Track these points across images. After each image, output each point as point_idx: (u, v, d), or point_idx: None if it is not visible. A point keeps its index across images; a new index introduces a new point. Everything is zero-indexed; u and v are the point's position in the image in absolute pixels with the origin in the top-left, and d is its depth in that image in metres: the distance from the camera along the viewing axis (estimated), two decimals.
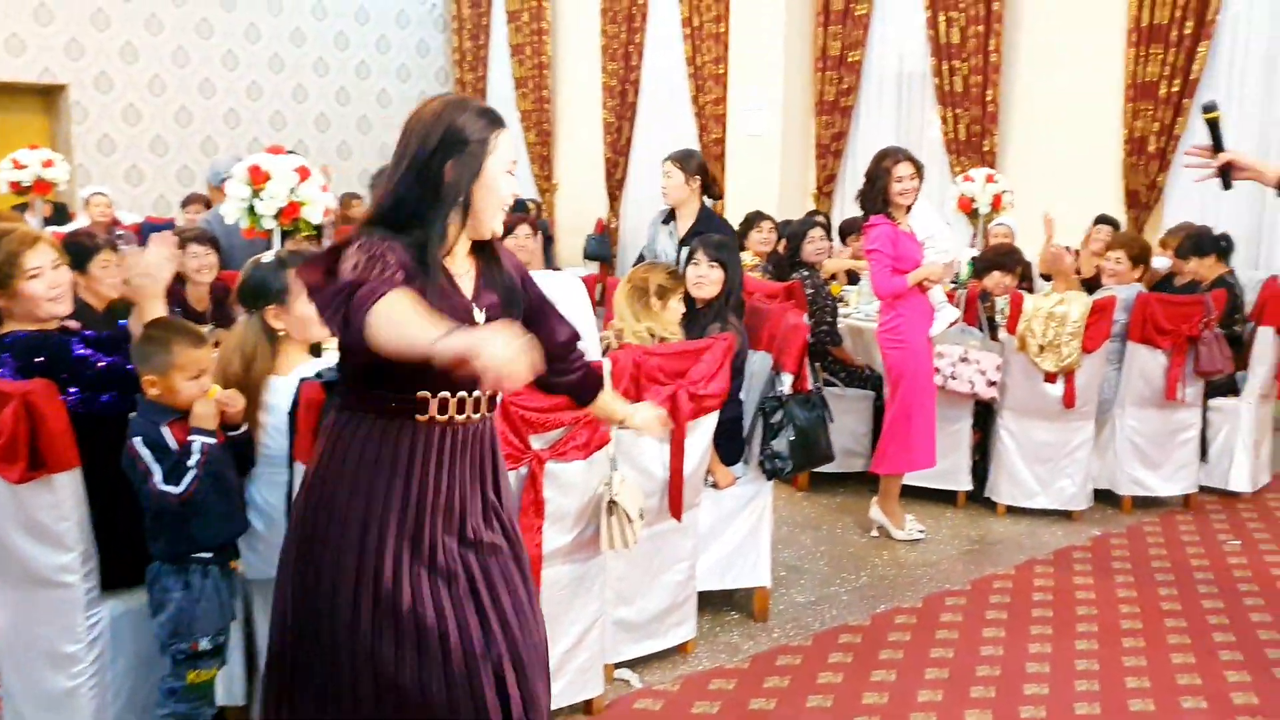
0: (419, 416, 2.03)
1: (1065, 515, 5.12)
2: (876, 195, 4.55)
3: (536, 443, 2.92)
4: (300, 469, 2.60)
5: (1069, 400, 4.93)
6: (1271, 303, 5.27)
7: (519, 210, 11.00)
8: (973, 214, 6.63)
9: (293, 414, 2.66)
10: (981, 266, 5.62)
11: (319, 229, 4.46)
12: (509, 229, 5.27)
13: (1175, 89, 7.27)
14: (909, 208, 4.59)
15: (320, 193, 4.32)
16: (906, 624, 3.98)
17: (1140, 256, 5.30)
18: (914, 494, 5.08)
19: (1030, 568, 4.54)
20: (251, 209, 4.22)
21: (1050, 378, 4.92)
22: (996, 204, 6.53)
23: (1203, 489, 5.39)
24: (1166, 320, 4.97)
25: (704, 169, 4.93)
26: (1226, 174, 3.16)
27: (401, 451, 2.03)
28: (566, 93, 11.88)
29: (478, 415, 2.11)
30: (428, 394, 2.01)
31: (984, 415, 5.20)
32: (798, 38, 9.33)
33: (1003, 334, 5.06)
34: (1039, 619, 4.03)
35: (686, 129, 10.30)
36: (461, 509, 2.10)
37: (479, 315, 2.06)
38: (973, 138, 8.33)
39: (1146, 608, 4.13)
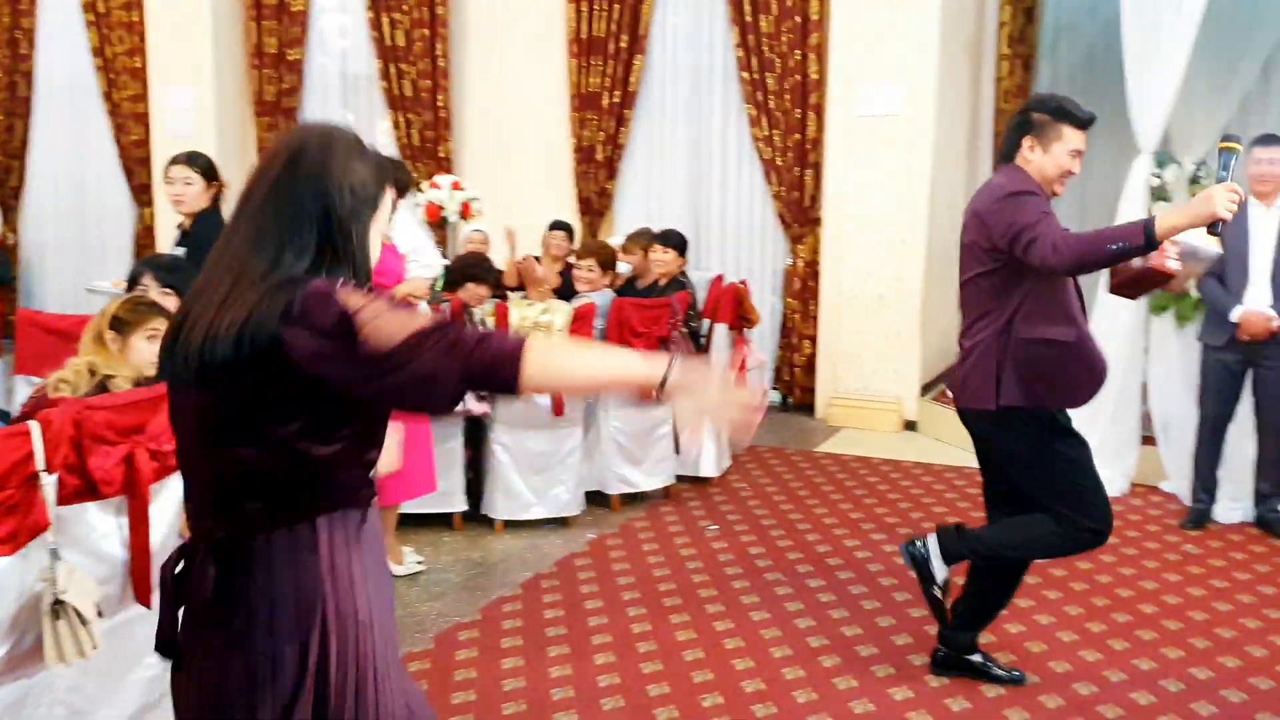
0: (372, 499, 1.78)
1: (561, 523, 5.09)
2: None
3: None
4: None
5: (558, 408, 4.90)
6: (723, 301, 5.69)
7: None
8: (441, 222, 6.43)
9: None
10: (455, 279, 5.41)
11: None
12: None
13: (617, 99, 7.67)
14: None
15: None
16: (420, 671, 3.64)
17: (608, 262, 5.43)
18: (407, 522, 4.75)
19: (537, 583, 4.43)
20: None
21: None
22: (465, 212, 6.39)
23: (679, 478, 5.66)
24: (640, 323, 5.13)
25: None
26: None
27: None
28: None
29: None
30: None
31: (474, 431, 5.01)
32: (228, 32, 8.54)
33: None
34: (555, 639, 3.91)
35: (99, 129, 9.05)
36: None
37: None
38: (427, 143, 8.18)
39: (652, 608, 4.18)
